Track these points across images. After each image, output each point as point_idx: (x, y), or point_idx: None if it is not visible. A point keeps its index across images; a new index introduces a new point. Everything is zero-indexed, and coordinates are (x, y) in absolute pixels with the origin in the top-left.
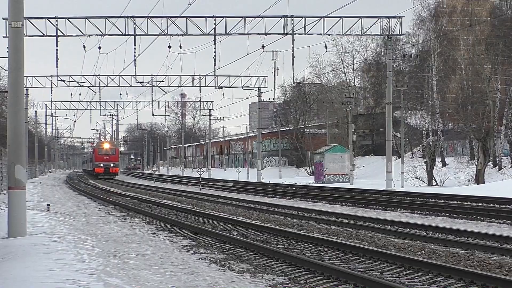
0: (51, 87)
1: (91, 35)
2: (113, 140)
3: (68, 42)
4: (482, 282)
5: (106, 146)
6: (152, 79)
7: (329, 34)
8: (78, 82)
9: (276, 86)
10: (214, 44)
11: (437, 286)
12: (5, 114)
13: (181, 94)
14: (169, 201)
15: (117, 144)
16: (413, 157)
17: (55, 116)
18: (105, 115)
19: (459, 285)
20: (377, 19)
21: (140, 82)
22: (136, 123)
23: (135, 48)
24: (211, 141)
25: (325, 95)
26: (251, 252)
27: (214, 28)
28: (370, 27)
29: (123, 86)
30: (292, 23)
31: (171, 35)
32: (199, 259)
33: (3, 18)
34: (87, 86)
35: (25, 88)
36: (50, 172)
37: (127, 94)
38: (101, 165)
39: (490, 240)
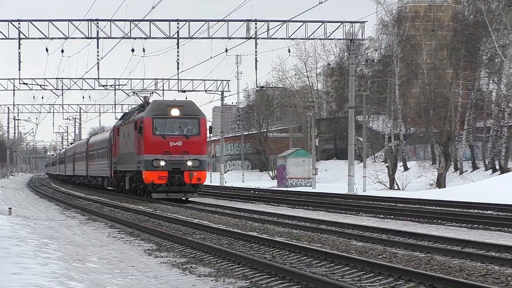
0: (14, 90)
1: (54, 38)
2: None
3: (30, 45)
4: (442, 285)
5: (176, 112)
6: (115, 83)
7: (292, 39)
8: (40, 85)
9: (240, 90)
10: (178, 47)
11: None
12: None
13: (144, 97)
14: (132, 205)
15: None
16: (375, 161)
17: (18, 119)
18: (67, 119)
19: None
20: (340, 23)
21: (103, 86)
22: (99, 126)
23: (98, 51)
24: None
25: (288, 99)
26: (213, 256)
27: (178, 32)
28: (333, 31)
29: (86, 90)
30: (256, 27)
31: (135, 38)
32: (161, 263)
33: None
34: (50, 89)
35: None
36: (12, 175)
37: (90, 97)
38: (162, 163)
39: (450, 244)
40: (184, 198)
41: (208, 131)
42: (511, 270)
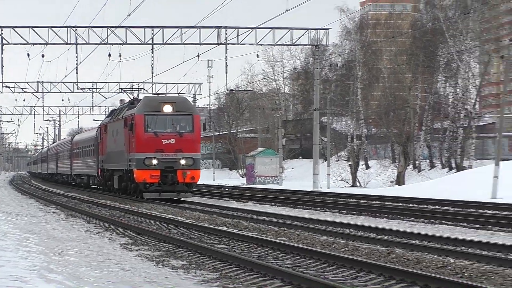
0: None
1: (35, 44)
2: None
3: (13, 50)
4: (401, 277)
5: (169, 108)
6: (92, 86)
7: (260, 44)
8: (22, 88)
9: (211, 93)
10: (152, 53)
11: (358, 281)
12: None
13: (121, 100)
14: (108, 201)
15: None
16: (338, 160)
17: (0, 121)
18: (48, 120)
19: (379, 280)
20: (306, 30)
21: (81, 89)
22: (78, 127)
23: (76, 56)
24: None
25: (257, 102)
26: (185, 249)
27: (152, 38)
28: (299, 38)
29: (65, 92)
30: (226, 34)
31: (111, 44)
32: (136, 256)
33: None
34: (31, 92)
35: None
36: None
37: (69, 100)
38: (154, 161)
39: (409, 238)
40: (177, 198)
41: (201, 128)
42: (466, 262)
